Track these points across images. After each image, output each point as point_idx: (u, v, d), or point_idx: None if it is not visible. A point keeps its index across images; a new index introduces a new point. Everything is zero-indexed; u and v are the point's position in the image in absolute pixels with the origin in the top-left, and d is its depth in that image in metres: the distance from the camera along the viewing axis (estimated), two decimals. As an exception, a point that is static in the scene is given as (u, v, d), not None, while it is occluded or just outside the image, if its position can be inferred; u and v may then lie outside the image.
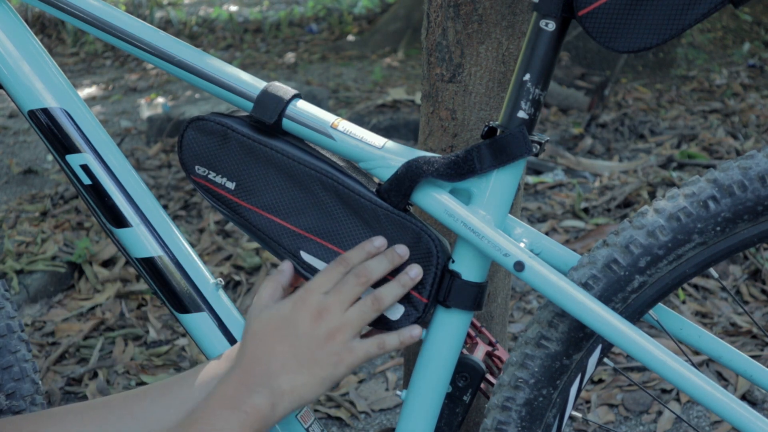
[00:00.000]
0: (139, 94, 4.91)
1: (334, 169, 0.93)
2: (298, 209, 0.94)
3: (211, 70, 0.95)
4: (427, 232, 0.91)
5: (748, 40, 5.07)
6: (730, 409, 0.83)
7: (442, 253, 0.91)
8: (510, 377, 0.92)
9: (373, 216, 0.92)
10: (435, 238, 0.91)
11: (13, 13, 0.98)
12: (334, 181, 0.92)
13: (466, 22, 1.07)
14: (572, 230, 2.59)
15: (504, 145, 0.88)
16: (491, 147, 0.89)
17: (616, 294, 0.87)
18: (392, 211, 0.91)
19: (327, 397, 1.87)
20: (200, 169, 0.96)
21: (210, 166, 0.96)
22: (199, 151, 0.96)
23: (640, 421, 1.75)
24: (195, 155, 0.96)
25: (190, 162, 0.97)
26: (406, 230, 0.91)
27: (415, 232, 0.91)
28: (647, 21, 0.81)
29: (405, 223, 0.91)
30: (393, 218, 0.91)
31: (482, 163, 0.89)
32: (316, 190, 0.93)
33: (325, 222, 0.94)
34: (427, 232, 0.91)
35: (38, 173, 3.53)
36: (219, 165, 0.96)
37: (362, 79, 4.95)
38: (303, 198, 0.94)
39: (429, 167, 0.90)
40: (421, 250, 0.91)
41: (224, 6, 7.86)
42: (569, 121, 3.88)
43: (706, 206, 0.84)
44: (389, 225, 0.92)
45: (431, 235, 0.91)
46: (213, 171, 0.96)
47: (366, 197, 0.92)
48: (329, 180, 0.92)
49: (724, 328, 2.02)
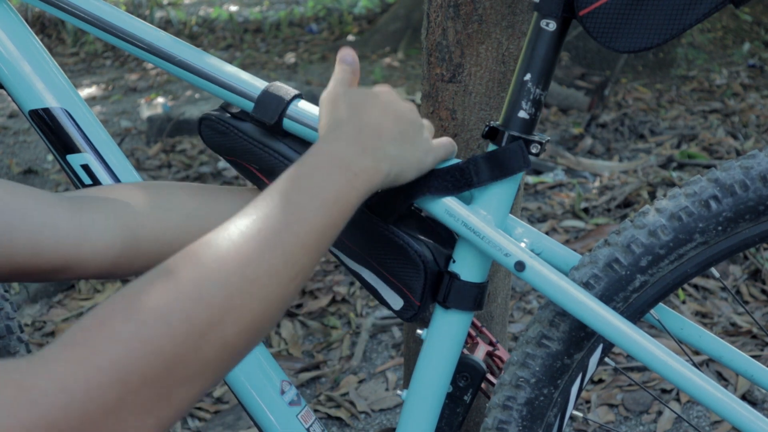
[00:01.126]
0: (139, 94, 4.91)
1: None
2: None
3: (212, 70, 0.95)
4: (412, 247, 0.91)
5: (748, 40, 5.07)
6: (730, 409, 0.83)
7: (430, 264, 0.92)
8: (511, 376, 0.92)
9: (364, 224, 0.92)
10: (420, 253, 0.91)
11: (13, 12, 0.98)
12: None
13: (466, 22, 1.07)
14: (572, 230, 2.59)
15: (501, 160, 0.88)
16: (489, 161, 0.88)
17: (618, 293, 0.87)
18: (379, 224, 0.92)
19: (327, 397, 1.87)
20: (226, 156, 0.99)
21: (232, 154, 0.97)
22: (216, 145, 0.98)
23: (640, 421, 1.75)
24: (215, 147, 0.99)
25: (216, 150, 0.99)
26: (393, 243, 0.92)
27: (401, 247, 0.91)
28: (648, 21, 0.81)
29: (391, 237, 0.92)
30: (380, 230, 0.92)
31: (480, 177, 0.89)
32: None
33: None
34: (412, 247, 0.91)
35: (38, 173, 3.53)
36: (237, 154, 0.97)
37: (362, 79, 4.93)
38: None
39: (426, 185, 0.89)
40: (409, 262, 0.92)
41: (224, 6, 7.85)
42: (569, 121, 3.88)
43: (707, 206, 0.84)
44: (377, 235, 0.93)
45: (416, 249, 0.91)
46: (235, 157, 0.97)
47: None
48: None
49: (725, 328, 2.02)
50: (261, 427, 1.00)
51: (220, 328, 0.59)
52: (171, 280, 0.59)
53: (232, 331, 0.60)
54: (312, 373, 1.98)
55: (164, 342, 0.56)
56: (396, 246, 0.92)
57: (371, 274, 0.96)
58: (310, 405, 1.85)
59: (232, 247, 0.63)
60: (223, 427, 1.79)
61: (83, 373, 0.53)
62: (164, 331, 0.56)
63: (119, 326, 0.55)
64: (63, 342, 0.54)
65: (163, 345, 0.56)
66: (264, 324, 0.63)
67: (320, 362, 2.02)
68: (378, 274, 0.95)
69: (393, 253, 0.92)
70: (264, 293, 0.63)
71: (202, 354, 0.58)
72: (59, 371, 0.52)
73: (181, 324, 0.57)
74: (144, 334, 0.56)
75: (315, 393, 1.92)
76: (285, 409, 1.00)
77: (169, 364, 0.56)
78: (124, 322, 0.56)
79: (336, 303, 2.27)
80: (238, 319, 0.61)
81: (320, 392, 1.90)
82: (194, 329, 0.58)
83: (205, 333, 0.58)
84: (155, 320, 0.56)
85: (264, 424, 1.00)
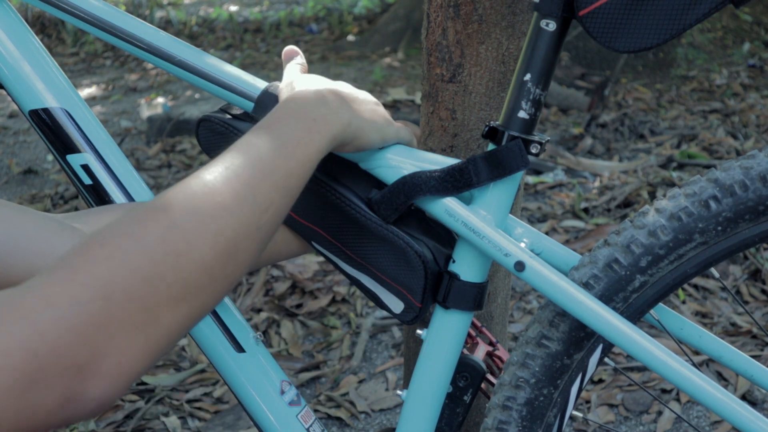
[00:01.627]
0: (139, 94, 4.91)
1: (324, 174, 0.94)
2: (305, 207, 0.97)
3: (212, 70, 0.95)
4: (413, 248, 0.91)
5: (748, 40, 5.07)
6: (730, 409, 0.83)
7: (430, 264, 0.91)
8: (511, 377, 0.92)
9: (363, 224, 0.92)
10: (421, 254, 0.91)
11: (13, 12, 0.98)
12: (324, 190, 0.94)
13: (466, 22, 1.07)
14: (572, 230, 2.59)
15: (501, 160, 0.88)
16: (488, 161, 0.88)
17: (617, 294, 0.87)
18: (379, 224, 0.92)
19: (327, 397, 1.87)
20: None
21: None
22: (213, 148, 0.99)
23: (640, 421, 1.75)
24: (212, 149, 1.00)
25: (212, 153, 1.00)
26: (393, 244, 0.92)
27: (401, 247, 0.91)
28: (648, 21, 0.81)
29: (391, 237, 0.91)
30: (380, 231, 0.92)
31: (479, 176, 0.89)
32: (308, 197, 0.94)
33: (327, 221, 0.96)
34: (412, 247, 0.91)
35: (38, 173, 3.53)
36: None
37: (362, 79, 4.94)
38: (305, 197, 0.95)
39: (425, 185, 0.90)
40: (408, 262, 0.92)
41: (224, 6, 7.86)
42: (569, 121, 3.88)
43: (707, 206, 0.84)
44: (376, 236, 0.92)
45: (416, 250, 0.91)
46: None
47: (355, 207, 0.92)
48: (318, 188, 0.94)
49: (725, 328, 2.02)
50: (261, 427, 1.00)
51: (197, 249, 0.63)
52: (145, 214, 0.64)
53: (208, 253, 0.64)
54: (312, 373, 1.98)
55: (142, 260, 0.60)
56: (396, 247, 0.92)
57: (370, 279, 0.96)
58: (310, 405, 1.85)
59: (200, 182, 0.67)
60: (223, 427, 1.80)
61: (68, 290, 0.56)
62: (141, 250, 0.61)
63: (98, 250, 0.59)
64: (48, 270, 0.58)
65: (141, 263, 0.60)
66: (239, 249, 0.68)
67: (320, 362, 2.02)
68: (376, 279, 0.95)
69: (392, 255, 0.92)
70: (235, 220, 0.67)
71: (181, 274, 0.62)
72: (45, 290, 0.56)
73: (157, 245, 0.61)
74: (121, 255, 0.60)
75: (315, 393, 1.92)
76: (285, 409, 1.00)
77: (149, 281, 0.60)
78: (102, 247, 0.60)
79: (336, 303, 2.27)
80: (213, 242, 0.65)
81: (320, 392, 1.90)
82: (170, 249, 0.62)
83: (181, 253, 0.62)
84: (133, 243, 0.61)
85: (264, 424, 1.00)
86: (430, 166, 0.91)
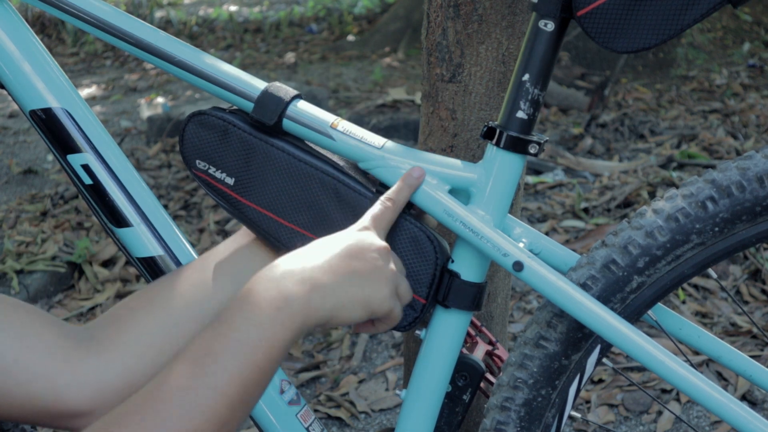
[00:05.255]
0: (139, 94, 4.91)
1: (333, 168, 0.93)
2: (295, 206, 0.94)
3: (211, 70, 0.95)
4: (426, 233, 0.91)
5: (748, 40, 5.07)
6: (729, 410, 0.84)
7: (441, 255, 0.91)
8: (509, 377, 0.92)
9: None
10: (434, 240, 0.91)
11: (14, 12, 0.98)
12: (334, 180, 0.93)
13: (466, 22, 1.07)
14: (572, 230, 2.59)
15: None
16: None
17: (615, 294, 0.87)
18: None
19: (327, 397, 1.87)
20: (201, 164, 0.97)
21: (210, 160, 0.96)
22: (199, 146, 0.96)
23: (640, 421, 1.75)
24: (196, 149, 0.97)
25: (191, 156, 0.97)
26: (405, 230, 0.91)
27: (414, 233, 0.91)
28: (646, 21, 0.81)
29: (404, 224, 0.91)
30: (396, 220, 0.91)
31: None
32: (314, 188, 0.93)
33: (322, 220, 0.94)
34: (426, 233, 0.91)
35: (38, 173, 3.53)
36: (219, 160, 0.96)
37: (362, 79, 4.94)
38: (300, 195, 0.94)
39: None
40: (420, 251, 0.91)
41: (224, 6, 7.86)
42: (569, 121, 3.88)
43: (704, 207, 0.84)
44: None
45: (430, 236, 0.91)
46: (213, 166, 0.96)
47: (366, 196, 0.92)
48: (328, 178, 0.93)
49: (724, 328, 2.03)
50: (260, 426, 1.01)
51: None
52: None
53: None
54: (312, 373, 1.98)
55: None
56: (408, 233, 0.91)
57: None
58: (310, 405, 1.85)
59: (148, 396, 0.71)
60: (223, 426, 1.79)
61: None
62: None
63: None
64: None
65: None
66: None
67: (320, 362, 2.02)
68: None
69: (403, 243, 0.91)
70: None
71: None
72: None
73: None
74: None
75: (315, 393, 1.92)
76: (284, 408, 1.00)
77: None
78: None
79: (336, 303, 2.26)
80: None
81: (320, 392, 1.91)
82: None
83: None
84: None
85: (263, 424, 1.00)
86: (430, 166, 0.92)
